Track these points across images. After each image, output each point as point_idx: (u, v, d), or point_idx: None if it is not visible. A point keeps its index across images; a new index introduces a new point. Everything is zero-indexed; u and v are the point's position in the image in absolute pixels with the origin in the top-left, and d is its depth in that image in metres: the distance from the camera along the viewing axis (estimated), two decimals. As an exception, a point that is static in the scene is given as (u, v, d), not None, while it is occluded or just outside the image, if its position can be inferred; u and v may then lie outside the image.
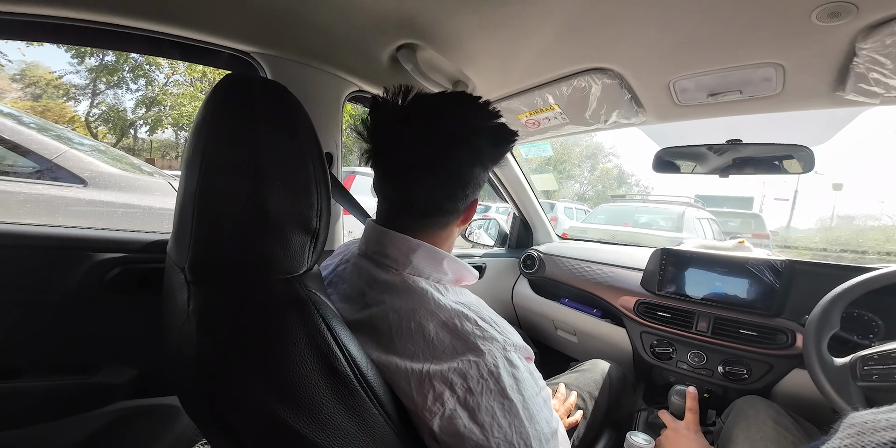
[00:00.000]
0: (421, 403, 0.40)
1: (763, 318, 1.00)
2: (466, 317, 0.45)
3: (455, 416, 0.39)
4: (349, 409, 0.36)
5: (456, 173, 0.49)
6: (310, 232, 0.41)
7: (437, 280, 0.51)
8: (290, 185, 0.40)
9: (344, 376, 0.36)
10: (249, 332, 0.36)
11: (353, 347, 0.38)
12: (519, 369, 0.43)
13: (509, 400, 0.40)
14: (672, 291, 1.15)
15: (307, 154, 0.42)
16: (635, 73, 0.80)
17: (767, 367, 0.97)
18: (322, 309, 0.38)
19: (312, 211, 0.41)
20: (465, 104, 0.51)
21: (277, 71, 0.87)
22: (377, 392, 0.39)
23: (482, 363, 0.41)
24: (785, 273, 0.99)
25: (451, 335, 0.43)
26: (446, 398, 0.40)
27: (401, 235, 0.51)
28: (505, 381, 0.41)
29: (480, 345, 0.42)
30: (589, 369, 0.99)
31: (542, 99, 0.96)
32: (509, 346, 0.44)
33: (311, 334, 0.36)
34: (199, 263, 0.38)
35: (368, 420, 0.37)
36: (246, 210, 0.38)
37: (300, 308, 0.37)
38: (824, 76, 0.73)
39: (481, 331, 0.44)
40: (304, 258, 0.40)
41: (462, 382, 0.40)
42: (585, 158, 23.48)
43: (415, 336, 0.43)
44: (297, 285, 0.38)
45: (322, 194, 0.42)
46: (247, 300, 0.37)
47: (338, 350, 0.36)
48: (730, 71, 0.74)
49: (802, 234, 13.40)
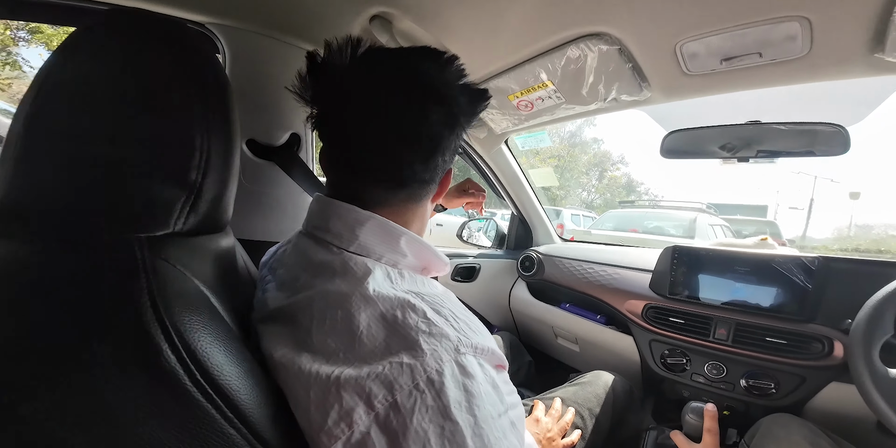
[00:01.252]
0: (319, 422, 0.28)
1: (793, 323, 0.86)
2: (414, 307, 0.34)
3: (366, 443, 0.28)
4: (179, 426, 0.24)
5: (429, 134, 0.40)
6: (185, 186, 0.31)
7: (392, 263, 0.41)
8: (158, 123, 0.30)
9: (170, 377, 0.24)
10: (37, 303, 0.25)
11: (202, 341, 0.26)
12: (474, 379, 0.31)
13: (452, 422, 0.28)
14: (686, 294, 1.02)
15: (196, 93, 0.32)
16: (635, 35, 0.69)
17: (799, 380, 0.84)
18: (162, 282, 0.27)
19: (192, 161, 0.31)
20: (434, 57, 0.43)
21: (237, 44, 0.78)
22: (238, 403, 0.27)
23: (419, 368, 0.29)
24: (818, 272, 0.86)
25: (388, 330, 0.32)
26: (357, 417, 0.28)
27: (347, 205, 0.41)
28: (450, 395, 0.29)
29: (422, 342, 0.31)
30: (590, 382, 0.87)
31: (533, 75, 0.86)
32: (465, 346, 0.33)
33: (119, 310, 0.25)
34: (9, 209, 0.28)
35: (212, 441, 0.25)
36: (83, 146, 0.28)
37: (122, 275, 0.26)
38: (860, 32, 0.61)
39: (428, 325, 0.33)
40: (169, 218, 0.31)
41: (386, 395, 0.28)
42: (593, 166, 23.28)
43: (339, 329, 0.32)
44: (138, 247, 0.28)
45: (214, 144, 0.33)
46: (52, 261, 0.27)
47: (162, 338, 0.24)
48: (746, 28, 0.63)
49: (819, 243, 13.01)
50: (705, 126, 0.93)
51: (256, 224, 0.83)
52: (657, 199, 14.97)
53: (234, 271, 0.42)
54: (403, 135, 0.39)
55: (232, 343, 0.29)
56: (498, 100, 1.00)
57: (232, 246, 0.45)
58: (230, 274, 0.40)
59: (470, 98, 0.44)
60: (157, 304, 0.25)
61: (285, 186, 0.85)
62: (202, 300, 0.30)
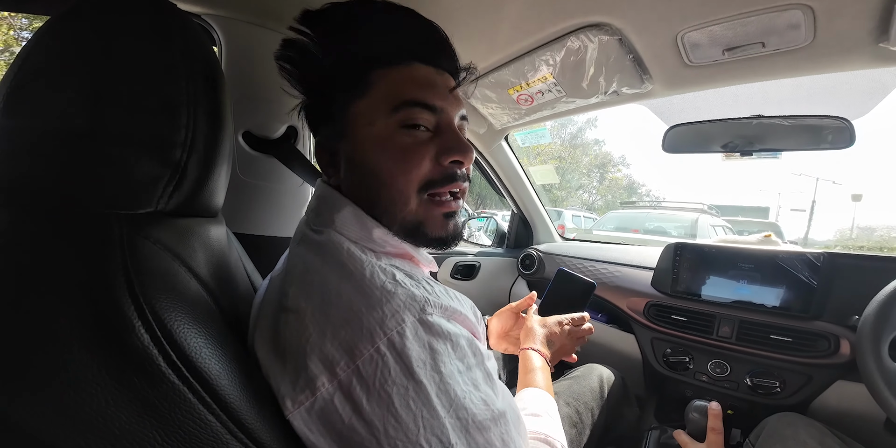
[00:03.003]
0: (285, 389, 0.28)
1: (799, 321, 0.85)
2: (384, 270, 0.33)
3: (330, 410, 0.27)
4: (151, 410, 0.22)
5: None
6: (169, 164, 0.30)
7: (370, 249, 0.38)
8: (141, 99, 0.29)
9: (142, 356, 0.23)
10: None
11: (179, 320, 0.25)
12: (440, 336, 0.31)
13: (416, 381, 0.28)
14: (688, 291, 1.00)
15: (181, 69, 0.31)
16: (636, 25, 0.68)
17: (805, 378, 0.82)
18: (140, 259, 0.26)
19: (176, 137, 0.30)
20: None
21: (232, 35, 0.78)
22: (217, 388, 0.25)
23: (379, 332, 0.29)
24: (824, 268, 0.84)
25: (354, 287, 0.31)
26: (320, 384, 0.28)
27: (330, 189, 0.42)
28: (412, 355, 0.29)
29: (385, 303, 0.30)
30: (583, 375, 0.85)
31: (532, 68, 0.85)
32: (432, 306, 0.32)
33: (89, 284, 0.23)
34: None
35: (188, 428, 0.23)
36: (62, 122, 0.27)
37: (95, 248, 0.25)
38: (863, 21, 0.60)
39: (395, 285, 0.32)
40: (152, 196, 0.30)
41: (347, 362, 0.28)
42: (594, 168, 23.24)
43: (313, 291, 0.32)
44: (115, 222, 0.27)
45: (200, 123, 0.32)
46: (19, 229, 0.25)
47: (135, 315, 0.23)
48: (749, 17, 0.62)
49: (821, 245, 12.95)
50: (708, 120, 0.92)
51: (253, 218, 0.82)
52: (658, 201, 14.88)
53: (224, 259, 0.41)
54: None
55: (213, 326, 0.28)
56: (497, 94, 0.98)
57: (223, 235, 0.44)
58: (220, 261, 0.39)
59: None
60: (131, 280, 0.24)
61: (283, 180, 0.83)
62: (183, 281, 0.29)
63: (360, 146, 0.39)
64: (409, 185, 0.38)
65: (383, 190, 0.38)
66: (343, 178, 0.41)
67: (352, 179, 0.40)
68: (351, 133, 0.39)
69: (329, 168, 0.43)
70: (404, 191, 0.38)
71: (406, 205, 0.38)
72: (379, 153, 0.38)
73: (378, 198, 0.39)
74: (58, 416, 0.21)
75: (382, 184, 0.38)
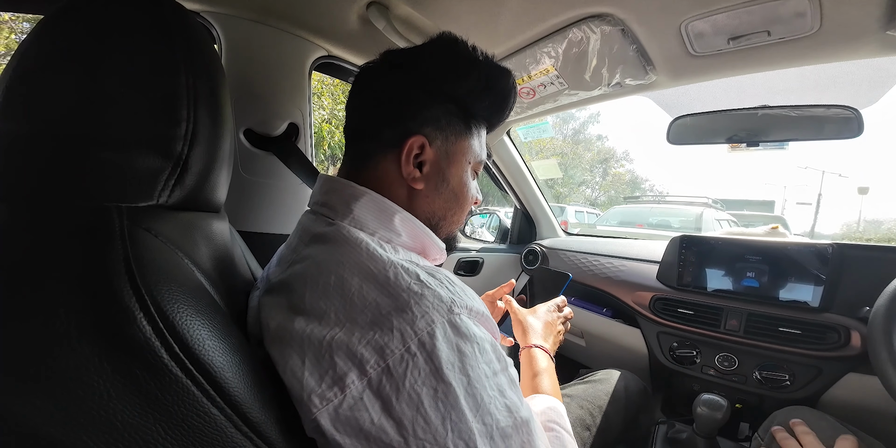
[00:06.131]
0: (311, 386, 0.28)
1: (808, 313, 0.84)
2: (407, 270, 0.33)
3: (359, 408, 0.27)
4: (154, 403, 0.22)
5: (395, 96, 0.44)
6: (170, 157, 0.30)
7: (387, 240, 0.40)
8: (141, 94, 0.29)
9: (144, 348, 0.22)
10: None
11: (183, 312, 0.24)
12: (468, 339, 0.31)
13: (445, 383, 0.28)
14: (695, 285, 1.00)
15: (180, 62, 0.31)
16: (639, 15, 0.67)
17: (815, 371, 0.81)
18: (142, 251, 0.25)
19: (176, 130, 0.30)
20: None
21: (232, 32, 0.77)
22: (222, 381, 0.25)
23: (410, 332, 0.29)
24: (833, 260, 0.83)
25: (379, 290, 0.31)
26: (350, 382, 0.28)
27: (344, 180, 0.43)
28: (442, 357, 0.29)
29: (414, 305, 0.30)
30: (602, 380, 0.83)
31: (534, 60, 0.84)
32: (459, 307, 0.32)
33: (89, 275, 0.23)
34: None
35: (192, 421, 0.23)
36: (61, 114, 0.27)
37: (96, 240, 0.25)
38: (870, 8, 0.59)
39: (421, 286, 0.32)
40: (153, 189, 0.30)
41: (378, 360, 0.28)
42: (597, 163, 23.11)
43: (331, 292, 0.32)
44: (116, 214, 0.27)
45: (201, 116, 0.32)
46: (17, 220, 0.25)
47: (137, 307, 0.23)
48: (753, 5, 0.61)
49: (828, 239, 12.82)
50: (713, 111, 0.90)
51: (255, 215, 0.82)
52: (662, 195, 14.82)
53: (227, 254, 0.40)
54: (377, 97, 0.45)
55: (217, 318, 0.27)
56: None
57: (226, 230, 0.44)
58: (223, 256, 0.39)
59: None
60: (132, 271, 0.24)
61: (284, 177, 0.83)
62: (186, 274, 0.28)
63: (455, 171, 0.47)
64: (465, 214, 0.51)
65: (458, 211, 0.49)
66: (426, 181, 0.45)
67: (435, 188, 0.46)
68: (453, 157, 0.46)
69: (409, 166, 0.43)
70: (464, 217, 0.51)
71: (460, 223, 0.52)
72: (464, 184, 0.48)
73: (448, 213, 0.48)
74: (58, 410, 0.21)
75: (459, 206, 0.49)
